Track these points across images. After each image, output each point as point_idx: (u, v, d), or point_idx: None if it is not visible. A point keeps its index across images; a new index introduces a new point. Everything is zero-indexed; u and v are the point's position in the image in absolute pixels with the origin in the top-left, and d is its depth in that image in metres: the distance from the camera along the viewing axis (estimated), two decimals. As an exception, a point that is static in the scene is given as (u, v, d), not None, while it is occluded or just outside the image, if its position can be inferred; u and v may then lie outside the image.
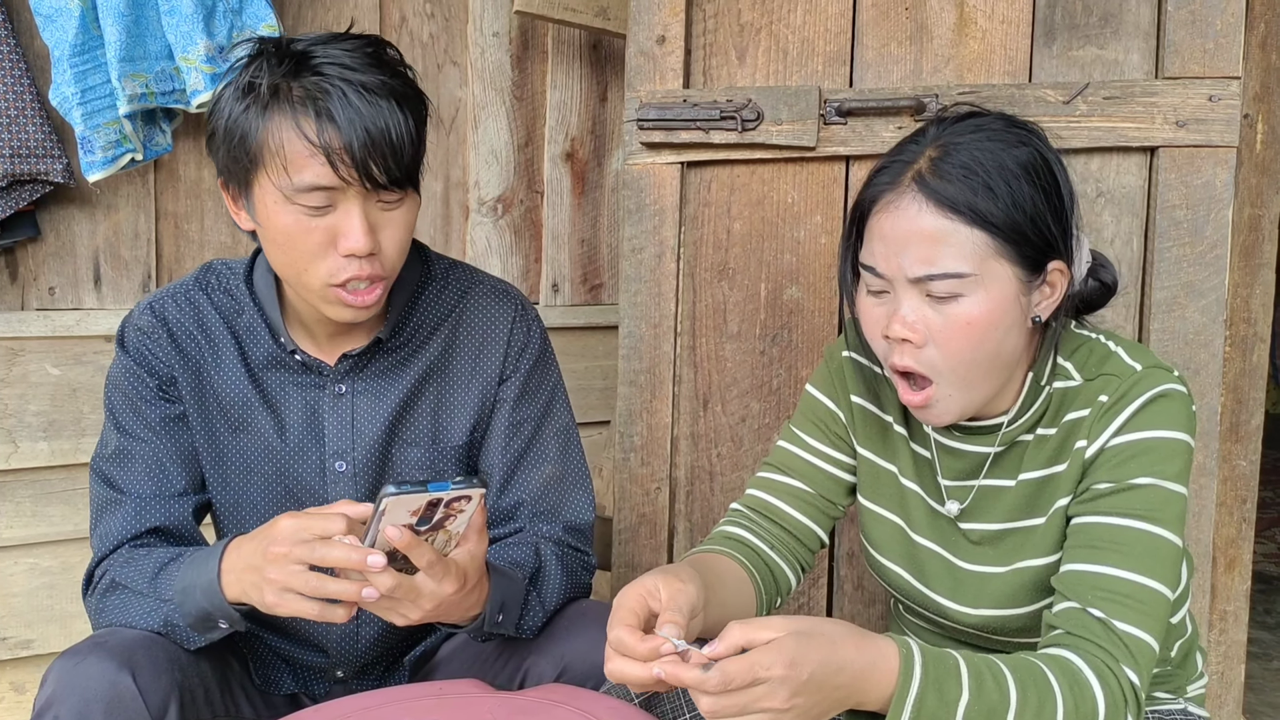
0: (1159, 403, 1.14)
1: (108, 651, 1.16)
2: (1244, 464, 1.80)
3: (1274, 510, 4.32)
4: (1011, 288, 1.12)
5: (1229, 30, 1.62)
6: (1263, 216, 1.80)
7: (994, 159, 1.12)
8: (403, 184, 1.23)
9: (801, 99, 1.74)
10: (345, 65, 1.19)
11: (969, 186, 1.10)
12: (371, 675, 1.48)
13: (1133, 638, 1.08)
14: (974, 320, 1.11)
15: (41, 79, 1.92)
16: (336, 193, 1.19)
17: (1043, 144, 1.16)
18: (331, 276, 1.22)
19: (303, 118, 1.17)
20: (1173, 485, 1.13)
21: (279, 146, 1.18)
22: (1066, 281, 1.16)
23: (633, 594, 1.03)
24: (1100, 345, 1.21)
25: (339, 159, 1.17)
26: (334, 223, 1.21)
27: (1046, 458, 1.21)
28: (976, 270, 1.10)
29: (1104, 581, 1.11)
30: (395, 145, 1.19)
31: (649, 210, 1.82)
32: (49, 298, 2.01)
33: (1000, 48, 1.73)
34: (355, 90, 1.17)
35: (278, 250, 1.25)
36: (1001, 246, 1.11)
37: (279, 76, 1.19)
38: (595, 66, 2.47)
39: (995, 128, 1.15)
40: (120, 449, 1.33)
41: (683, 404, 1.86)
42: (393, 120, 1.19)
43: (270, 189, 1.20)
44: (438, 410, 1.39)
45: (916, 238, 1.11)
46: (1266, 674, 2.75)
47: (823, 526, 1.39)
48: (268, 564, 1.11)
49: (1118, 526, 1.12)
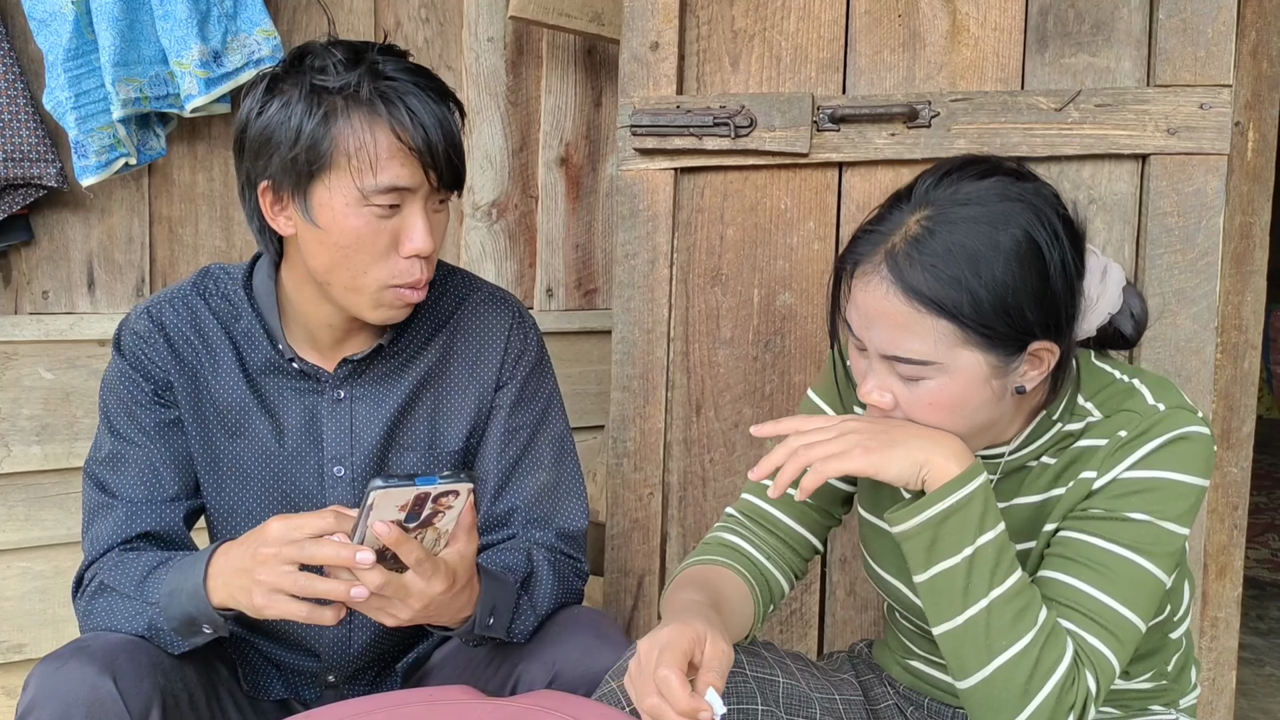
0: (1178, 445, 1.12)
1: (89, 656, 1.16)
2: (1235, 471, 1.80)
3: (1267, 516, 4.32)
4: (980, 372, 1.09)
5: (1220, 38, 1.63)
6: (1254, 224, 1.81)
7: (972, 244, 1.06)
8: (461, 184, 1.29)
9: (794, 106, 1.74)
10: (404, 69, 1.23)
11: (936, 277, 1.06)
12: (363, 680, 1.48)
13: (1096, 652, 1.10)
14: (938, 401, 1.11)
15: (35, 83, 1.92)
16: (407, 194, 1.23)
17: (1035, 218, 1.08)
18: (393, 278, 1.25)
19: (394, 118, 1.20)
20: (1170, 525, 1.12)
21: (359, 147, 1.20)
22: (1055, 358, 1.12)
23: (686, 637, 1.01)
24: (1122, 383, 1.19)
25: (425, 159, 1.21)
26: (398, 225, 1.24)
27: (1046, 483, 1.20)
28: (940, 359, 1.08)
29: (1074, 595, 1.12)
30: (458, 146, 1.25)
31: (642, 216, 1.82)
32: (42, 302, 2.01)
33: (993, 55, 1.73)
34: (422, 92, 1.22)
35: (337, 253, 1.24)
36: (969, 336, 1.07)
37: (356, 79, 1.20)
38: (590, 72, 2.47)
39: (986, 201, 1.09)
40: (113, 453, 1.33)
41: (675, 409, 1.86)
42: (454, 123, 1.25)
43: (342, 191, 1.21)
44: (435, 416, 1.40)
45: (882, 319, 1.10)
46: (1258, 680, 2.76)
47: (818, 536, 1.38)
48: (257, 565, 1.11)
49: (1100, 548, 1.13)
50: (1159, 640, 1.27)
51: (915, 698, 1.37)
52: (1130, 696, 1.29)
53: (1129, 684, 1.28)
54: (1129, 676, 1.28)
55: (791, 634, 1.87)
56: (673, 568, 1.82)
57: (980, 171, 1.12)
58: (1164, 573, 1.13)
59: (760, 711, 1.21)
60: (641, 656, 1.01)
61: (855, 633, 1.85)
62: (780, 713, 1.23)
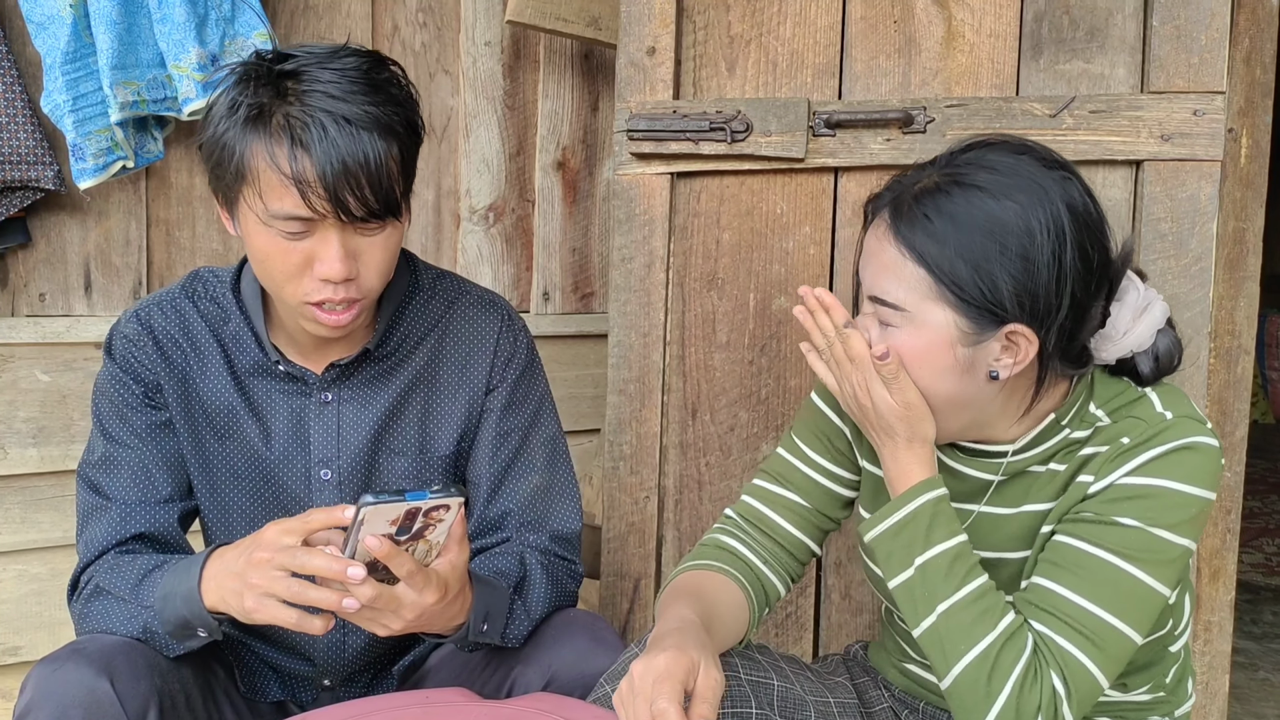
0: (1181, 454, 1.11)
1: (86, 658, 1.17)
2: (1228, 475, 1.81)
3: (1261, 520, 4.33)
4: (946, 334, 1.12)
5: (1213, 45, 1.64)
6: (1247, 230, 1.81)
7: (967, 208, 1.11)
8: (381, 215, 1.20)
9: (790, 111, 1.75)
10: (330, 94, 1.16)
11: (924, 229, 1.12)
12: (358, 684, 1.48)
13: (1068, 655, 1.10)
14: (903, 350, 1.15)
15: (33, 86, 1.92)
16: (313, 221, 1.18)
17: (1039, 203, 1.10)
18: (307, 296, 1.22)
19: (277, 147, 1.15)
20: (1162, 532, 1.10)
21: (256, 173, 1.17)
22: (1034, 350, 1.12)
23: (682, 667, 1.02)
24: (1135, 393, 1.19)
25: (311, 191, 1.15)
26: (311, 247, 1.20)
27: (1054, 491, 1.20)
28: (910, 307, 1.13)
29: (1051, 599, 1.12)
30: (373, 177, 1.17)
31: (639, 220, 1.83)
32: (39, 304, 2.01)
33: (988, 61, 1.74)
34: (335, 121, 1.15)
35: (258, 266, 1.26)
36: (941, 291, 1.11)
37: (263, 98, 1.17)
38: (587, 76, 2.48)
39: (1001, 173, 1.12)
40: (106, 456, 1.34)
41: (672, 413, 1.86)
42: (373, 151, 1.16)
43: (251, 209, 1.20)
44: (425, 420, 1.40)
45: (875, 259, 1.17)
46: (1252, 684, 2.76)
47: (816, 540, 1.38)
48: (250, 569, 1.11)
49: (1083, 552, 1.12)
50: (1158, 653, 1.26)
51: (910, 701, 1.37)
52: (1128, 708, 1.29)
53: (1126, 696, 1.28)
54: (1126, 689, 1.27)
55: (786, 637, 1.88)
56: (669, 571, 1.82)
57: (1013, 149, 1.16)
58: (1160, 583, 1.11)
59: (754, 715, 1.21)
60: (635, 680, 1.02)
61: (850, 636, 1.85)
62: (774, 716, 1.23)
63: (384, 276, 1.27)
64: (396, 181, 1.21)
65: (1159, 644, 1.26)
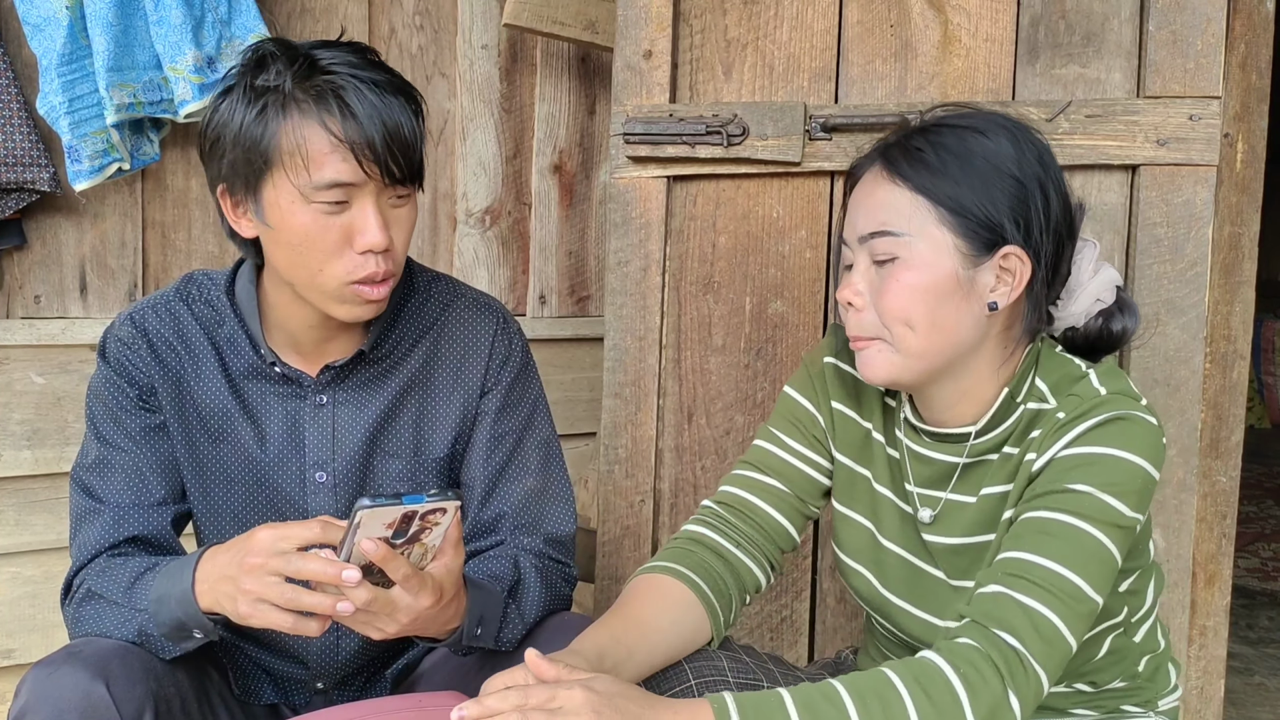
0: (1116, 424, 1.13)
1: (82, 661, 1.16)
2: (1224, 480, 1.81)
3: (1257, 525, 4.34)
4: (949, 258, 1.16)
5: (1209, 50, 1.64)
6: (1243, 235, 1.82)
7: (955, 140, 1.18)
8: (414, 179, 1.26)
9: (787, 115, 1.75)
10: (352, 65, 1.21)
11: (920, 159, 1.18)
12: (352, 687, 1.48)
13: (1033, 611, 1.07)
14: (905, 281, 1.16)
15: (29, 88, 1.92)
16: (354, 189, 1.21)
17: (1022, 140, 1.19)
18: (350, 274, 1.24)
19: (326, 114, 1.19)
20: (1111, 499, 1.11)
21: (297, 145, 1.19)
22: (1027, 273, 1.18)
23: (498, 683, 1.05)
24: (1076, 369, 1.22)
25: (362, 153, 1.19)
26: (350, 220, 1.23)
27: (1008, 473, 1.22)
28: (912, 233, 1.16)
29: (1014, 565, 1.11)
30: (408, 140, 1.23)
31: (635, 224, 1.83)
32: (34, 306, 2.01)
33: (984, 65, 1.74)
34: (369, 86, 1.20)
35: (291, 252, 1.25)
36: (942, 214, 1.16)
37: (292, 77, 1.20)
38: (584, 80, 2.48)
39: (974, 118, 1.21)
40: (100, 458, 1.33)
41: (667, 417, 1.86)
42: (404, 116, 1.22)
43: (286, 189, 1.21)
44: (419, 422, 1.40)
45: (869, 202, 1.21)
46: (1248, 689, 2.76)
47: (797, 526, 1.38)
48: (243, 574, 1.11)
49: (1043, 519, 1.13)
50: (1121, 643, 1.27)
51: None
52: (1104, 696, 1.29)
53: (1100, 688, 1.29)
54: (1096, 685, 1.28)
55: (782, 641, 1.87)
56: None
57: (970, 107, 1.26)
58: (1114, 546, 1.11)
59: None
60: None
61: (845, 640, 1.85)
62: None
63: (407, 251, 1.32)
64: (421, 147, 1.27)
65: (1119, 634, 1.26)
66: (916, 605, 1.28)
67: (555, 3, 2.22)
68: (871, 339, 1.20)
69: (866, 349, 1.21)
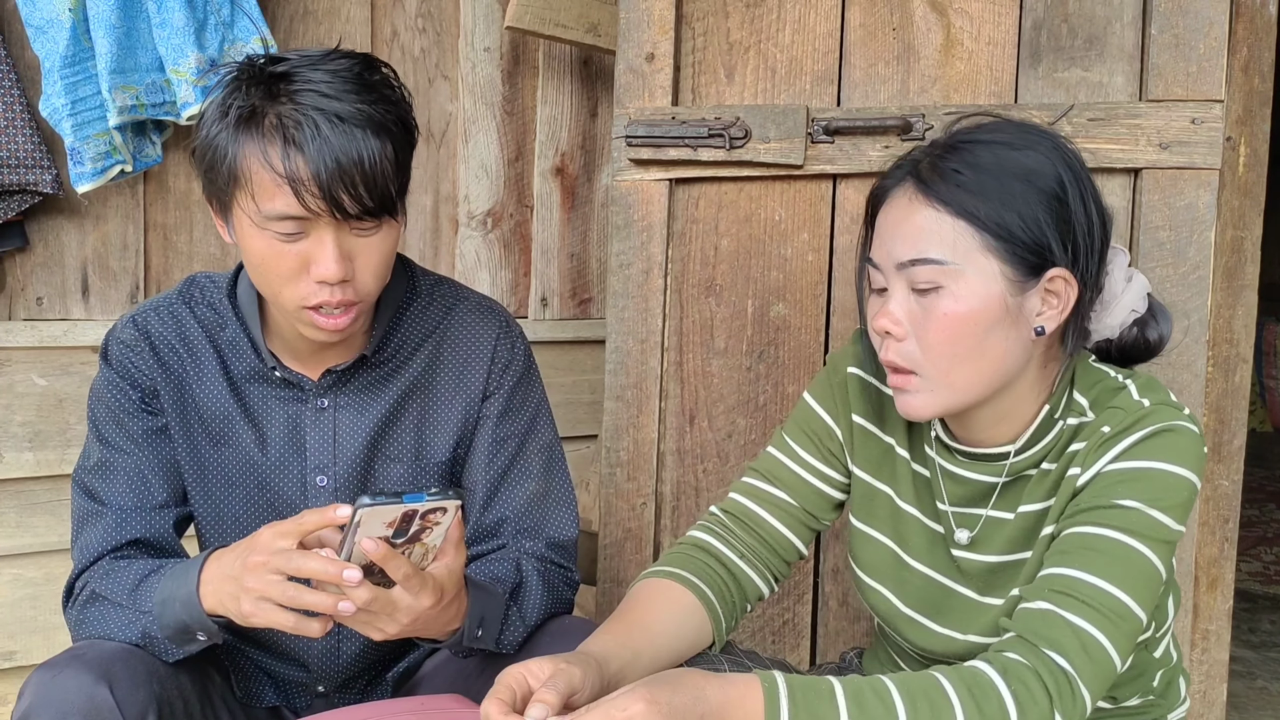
0: (1162, 436, 1.12)
1: (85, 664, 1.16)
2: (1226, 484, 1.80)
3: (1259, 529, 4.33)
4: (997, 285, 1.12)
5: (1211, 54, 1.64)
6: (1245, 238, 1.82)
7: (992, 158, 1.13)
8: (376, 213, 1.20)
9: (789, 118, 1.75)
10: (322, 93, 1.16)
11: (958, 181, 1.12)
12: (353, 690, 1.48)
13: (1083, 632, 1.05)
14: (951, 313, 1.12)
15: (32, 90, 1.92)
16: (307, 221, 1.18)
17: (1057, 154, 1.15)
18: (304, 300, 1.22)
19: (270, 146, 1.15)
20: (1160, 515, 1.10)
21: (249, 174, 1.17)
22: (1074, 295, 1.14)
23: (514, 672, 1.04)
24: (1114, 380, 1.20)
25: (305, 189, 1.15)
26: (307, 249, 1.20)
27: (1045, 491, 1.20)
28: (958, 261, 1.11)
29: (1062, 582, 1.09)
30: (368, 175, 1.17)
31: (637, 226, 1.82)
32: (36, 308, 2.01)
33: (986, 69, 1.74)
34: (327, 119, 1.15)
35: (253, 271, 1.25)
36: (987, 240, 1.11)
37: (255, 100, 1.17)
38: (586, 82, 2.48)
39: (1005, 132, 1.17)
40: (102, 461, 1.33)
41: (669, 419, 1.86)
42: (366, 150, 1.16)
43: (246, 212, 1.20)
44: (421, 426, 1.40)
45: (906, 227, 1.14)
46: (1250, 693, 2.76)
47: (803, 539, 1.37)
48: (246, 573, 1.11)
49: (1090, 534, 1.11)
50: (1143, 658, 1.26)
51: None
52: (1119, 714, 1.28)
53: (1116, 705, 1.27)
54: (1116, 700, 1.27)
55: (784, 644, 1.87)
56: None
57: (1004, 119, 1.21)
58: (1161, 562, 1.10)
59: None
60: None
61: (847, 643, 1.85)
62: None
63: (380, 279, 1.26)
64: (391, 180, 1.20)
65: (1143, 649, 1.25)
66: (937, 621, 1.26)
67: (557, 5, 2.22)
68: (911, 372, 1.16)
69: (906, 386, 1.17)
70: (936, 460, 1.27)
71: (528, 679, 1.04)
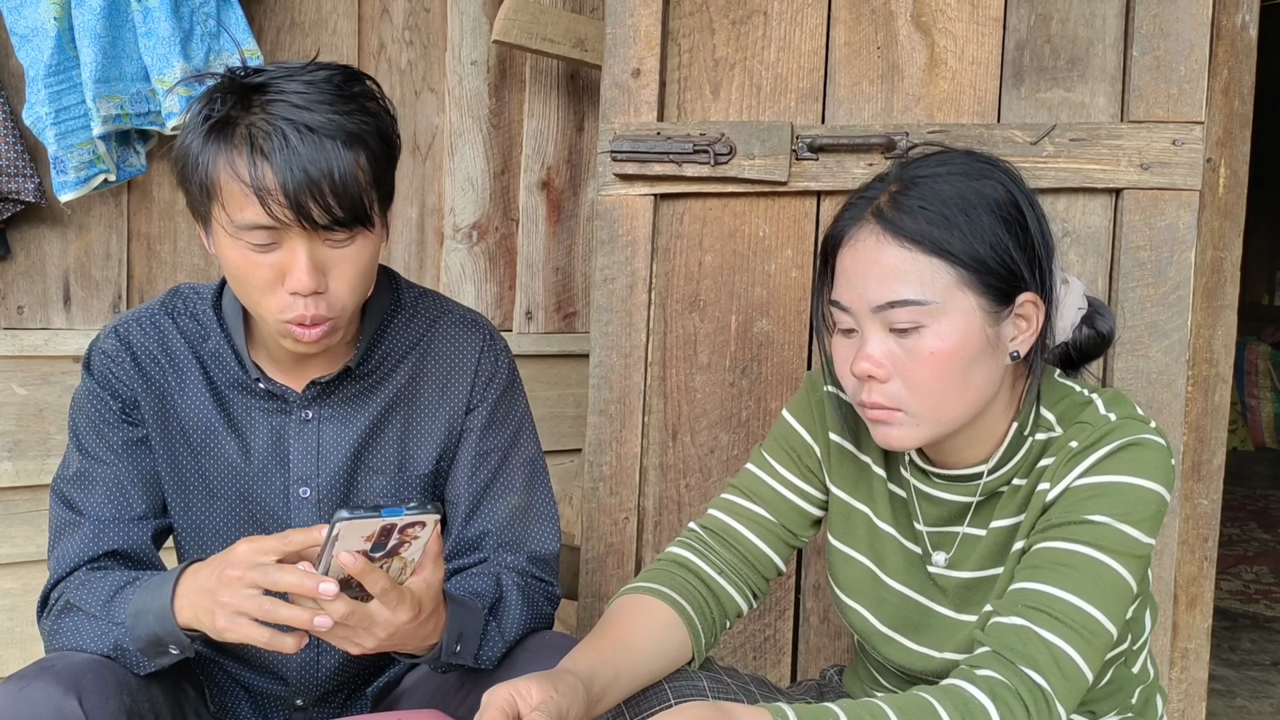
0: (1129, 450, 1.12)
1: (54, 675, 1.15)
2: (1205, 503, 1.81)
3: (1239, 547, 4.35)
4: (976, 318, 1.12)
5: (1192, 76, 1.66)
6: (1225, 259, 1.83)
7: (953, 190, 1.13)
8: (348, 224, 1.19)
9: (774, 134, 1.76)
10: (294, 104, 1.16)
11: (925, 218, 1.11)
12: (332, 705, 1.47)
13: (1056, 648, 1.07)
14: (937, 351, 1.11)
15: (15, 98, 1.91)
16: (279, 231, 1.18)
17: (1008, 179, 1.16)
18: (280, 313, 1.22)
19: (238, 157, 1.16)
20: (1130, 529, 1.11)
21: (220, 185, 1.17)
22: (1042, 316, 1.15)
23: (503, 693, 1.04)
24: (1080, 395, 1.21)
25: (272, 199, 1.15)
26: (280, 259, 1.20)
27: (1017, 506, 1.21)
28: (936, 299, 1.11)
29: (1034, 597, 1.10)
30: (337, 185, 1.16)
31: (621, 241, 1.83)
32: (17, 317, 2.00)
33: (970, 88, 1.75)
34: (296, 130, 1.15)
35: (233, 282, 1.25)
36: (962, 275, 1.11)
37: (228, 111, 1.18)
38: (572, 97, 2.49)
39: (957, 163, 1.16)
40: (81, 471, 1.33)
41: (652, 434, 1.86)
42: (337, 161, 1.16)
43: (221, 223, 1.20)
44: (404, 438, 1.39)
45: (876, 270, 1.12)
46: (1230, 711, 2.77)
47: (782, 556, 1.37)
48: (221, 587, 1.10)
49: (1062, 550, 1.11)
50: (1120, 674, 1.26)
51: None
52: None
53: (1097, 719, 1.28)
54: (1094, 715, 1.27)
55: (765, 660, 1.87)
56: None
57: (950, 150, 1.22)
58: (1131, 576, 1.11)
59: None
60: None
61: (828, 659, 1.85)
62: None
63: (356, 292, 1.26)
64: (365, 191, 1.20)
65: (1121, 665, 1.25)
66: (913, 639, 1.26)
67: (545, 20, 2.23)
68: (894, 409, 1.15)
69: (888, 420, 1.16)
70: (912, 482, 1.28)
71: (517, 701, 1.03)
